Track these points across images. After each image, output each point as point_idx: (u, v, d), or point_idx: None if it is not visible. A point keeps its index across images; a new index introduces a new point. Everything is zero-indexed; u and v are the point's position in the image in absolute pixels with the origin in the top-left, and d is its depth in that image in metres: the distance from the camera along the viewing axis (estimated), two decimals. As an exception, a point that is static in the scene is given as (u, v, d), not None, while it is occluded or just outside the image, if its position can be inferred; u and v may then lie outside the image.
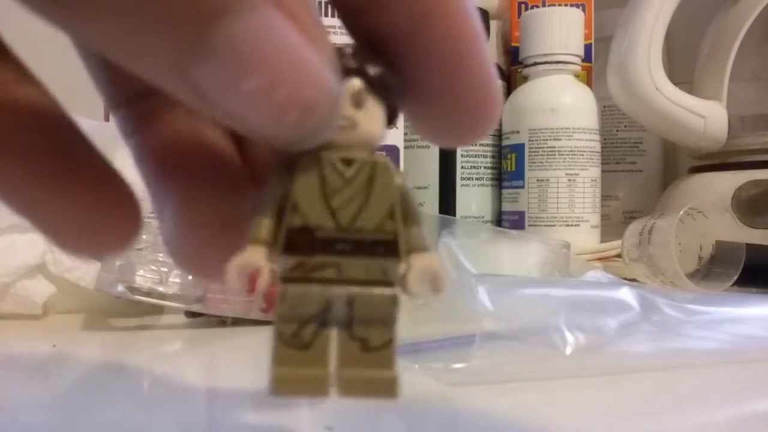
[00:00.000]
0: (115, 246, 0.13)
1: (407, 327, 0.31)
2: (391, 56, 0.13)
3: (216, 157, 0.15)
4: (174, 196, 0.14)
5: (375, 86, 0.13)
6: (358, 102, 0.13)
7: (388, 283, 0.13)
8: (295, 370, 0.13)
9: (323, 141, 0.12)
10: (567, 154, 0.56)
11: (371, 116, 0.13)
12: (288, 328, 0.13)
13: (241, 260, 0.12)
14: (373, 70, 0.13)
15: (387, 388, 0.13)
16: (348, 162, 0.13)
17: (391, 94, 0.13)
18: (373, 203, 0.13)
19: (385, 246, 0.13)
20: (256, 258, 0.12)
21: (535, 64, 0.58)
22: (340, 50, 0.12)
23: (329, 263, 0.13)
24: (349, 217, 0.13)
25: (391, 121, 0.13)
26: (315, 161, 0.13)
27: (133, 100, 0.15)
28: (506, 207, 0.59)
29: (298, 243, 0.13)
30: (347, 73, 0.12)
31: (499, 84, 0.14)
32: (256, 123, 0.11)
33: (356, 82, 0.13)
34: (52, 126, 0.13)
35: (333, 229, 0.13)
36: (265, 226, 0.13)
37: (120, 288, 0.32)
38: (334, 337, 0.13)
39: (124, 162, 0.15)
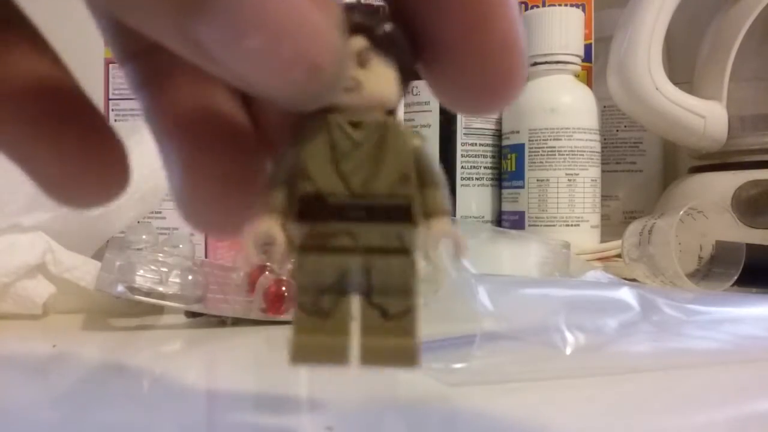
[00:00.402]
0: (102, 196, 0.14)
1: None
2: (413, 11, 0.13)
3: (223, 115, 0.14)
4: (181, 149, 0.14)
5: (382, 44, 0.12)
6: (362, 61, 0.12)
7: (405, 250, 0.13)
8: (315, 339, 0.13)
9: (329, 103, 0.12)
10: (567, 154, 0.56)
11: (378, 76, 0.12)
12: (307, 297, 0.13)
13: (257, 229, 0.12)
14: (380, 28, 0.12)
15: (406, 357, 0.13)
16: (357, 125, 0.12)
17: (401, 52, 0.13)
18: (386, 166, 0.12)
19: (400, 211, 0.13)
20: (270, 227, 0.12)
21: (535, 64, 0.58)
22: (347, 7, 0.12)
23: (343, 230, 0.13)
24: (361, 181, 0.12)
25: (405, 80, 0.13)
26: (322, 125, 0.12)
27: (143, 53, 0.14)
28: (506, 207, 0.59)
29: (311, 210, 0.12)
30: (353, 31, 0.12)
31: (524, 46, 0.13)
32: (260, 81, 0.11)
33: (360, 41, 0.12)
34: (48, 79, 0.13)
35: (345, 194, 0.12)
36: (278, 195, 0.12)
37: (120, 288, 0.32)
38: (355, 304, 0.13)
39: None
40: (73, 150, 0.13)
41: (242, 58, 0.10)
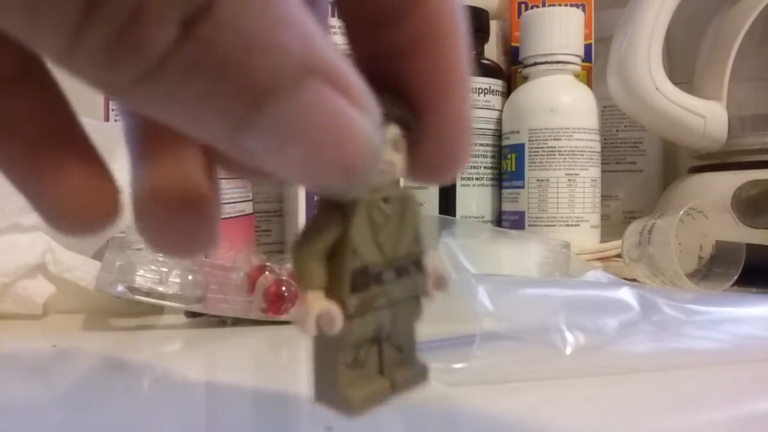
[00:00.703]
0: (97, 226, 0.15)
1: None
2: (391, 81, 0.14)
3: (187, 149, 0.15)
4: (146, 171, 0.15)
5: (407, 129, 0.14)
6: (397, 147, 0.14)
7: (416, 294, 0.15)
8: (363, 388, 0.14)
9: (369, 186, 0.13)
10: (567, 154, 0.56)
11: (404, 156, 0.14)
12: (350, 354, 0.14)
13: (318, 311, 0.13)
14: (406, 115, 0.14)
15: (423, 379, 0.16)
16: (386, 200, 0.14)
17: (411, 130, 0.14)
18: (406, 231, 0.15)
19: (415, 265, 0.15)
20: (329, 307, 0.13)
21: (535, 64, 0.58)
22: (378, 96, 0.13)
23: (380, 293, 0.14)
24: (391, 248, 0.14)
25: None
26: (363, 206, 0.14)
27: None
28: (506, 207, 0.59)
29: (356, 282, 0.14)
30: (387, 119, 0.13)
31: (472, 127, 0.15)
32: (301, 181, 0.12)
33: (395, 130, 0.14)
34: (53, 116, 0.14)
35: (381, 262, 0.14)
36: (320, 270, 0.14)
37: (120, 288, 0.32)
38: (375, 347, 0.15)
39: (123, 162, 0.15)
40: (75, 192, 0.14)
41: (284, 164, 0.11)
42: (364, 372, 0.15)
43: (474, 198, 0.59)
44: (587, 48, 0.61)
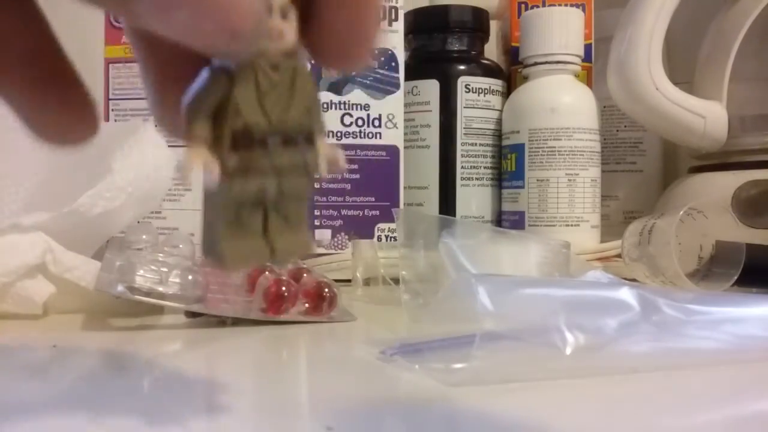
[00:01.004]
0: (76, 139, 0.16)
1: (407, 327, 0.31)
2: None
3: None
4: (153, 69, 0.16)
5: None
6: (286, 15, 0.14)
7: (306, 166, 0.16)
8: (239, 246, 0.16)
9: (256, 51, 0.14)
10: (567, 154, 0.56)
11: (294, 26, 0.15)
12: (232, 213, 0.15)
13: (194, 156, 0.14)
14: None
15: (306, 248, 0.17)
16: (275, 67, 0.15)
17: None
18: (295, 102, 0.15)
19: (305, 139, 0.16)
20: (207, 159, 0.14)
21: (535, 64, 0.58)
22: None
23: (263, 156, 0.15)
24: (277, 115, 0.15)
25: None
26: (250, 69, 0.15)
27: None
28: (506, 207, 0.59)
29: (239, 141, 0.15)
30: None
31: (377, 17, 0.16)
32: (190, 45, 0.13)
33: None
34: (36, 35, 0.15)
35: (266, 126, 0.15)
36: (204, 127, 0.15)
37: (120, 288, 0.32)
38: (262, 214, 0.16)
39: (123, 162, 0.15)
40: (55, 102, 0.15)
41: (172, 28, 0.12)
42: (245, 232, 0.16)
43: (474, 198, 0.59)
44: (587, 48, 0.61)
